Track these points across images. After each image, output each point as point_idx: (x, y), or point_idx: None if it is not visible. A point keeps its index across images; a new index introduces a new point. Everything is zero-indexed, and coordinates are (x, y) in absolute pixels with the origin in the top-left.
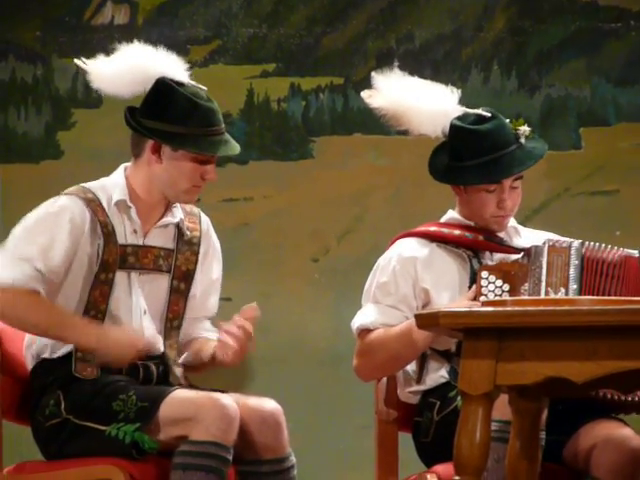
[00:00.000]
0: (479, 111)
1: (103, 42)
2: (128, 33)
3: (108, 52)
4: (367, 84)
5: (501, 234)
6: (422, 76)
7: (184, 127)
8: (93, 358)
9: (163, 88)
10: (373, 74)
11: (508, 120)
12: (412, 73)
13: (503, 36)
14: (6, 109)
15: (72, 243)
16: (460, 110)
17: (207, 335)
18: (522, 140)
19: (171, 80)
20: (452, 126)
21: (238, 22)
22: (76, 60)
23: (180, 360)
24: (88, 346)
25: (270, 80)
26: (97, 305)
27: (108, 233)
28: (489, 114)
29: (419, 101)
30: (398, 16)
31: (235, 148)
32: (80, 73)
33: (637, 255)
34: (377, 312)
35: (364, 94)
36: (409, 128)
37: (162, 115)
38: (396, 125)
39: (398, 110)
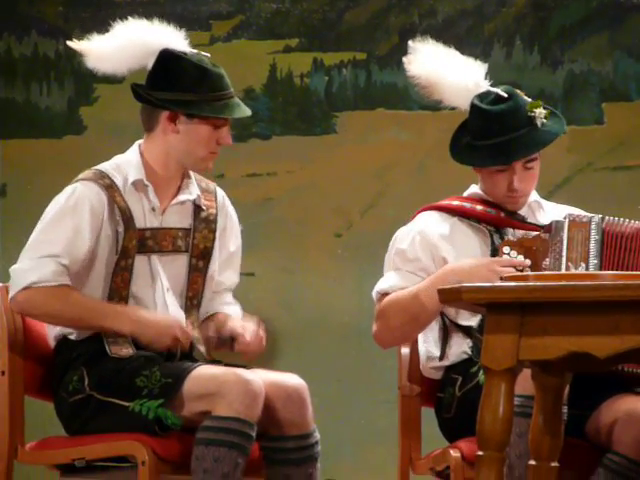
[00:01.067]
0: (498, 90)
1: (126, 18)
2: (151, 9)
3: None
4: (390, 59)
5: (523, 210)
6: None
7: (196, 94)
8: (127, 338)
9: (169, 59)
10: (410, 43)
11: (529, 100)
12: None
13: (525, 11)
14: (29, 84)
15: (94, 232)
16: (486, 85)
17: (227, 309)
18: (537, 122)
19: (175, 50)
20: (471, 104)
21: None
22: (68, 42)
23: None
24: (126, 331)
25: (293, 55)
26: (119, 291)
27: (127, 219)
28: (506, 94)
29: (450, 73)
30: None
31: (247, 111)
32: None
33: None
34: (397, 277)
35: (405, 59)
36: (441, 99)
37: (173, 85)
38: (429, 95)
39: (431, 81)
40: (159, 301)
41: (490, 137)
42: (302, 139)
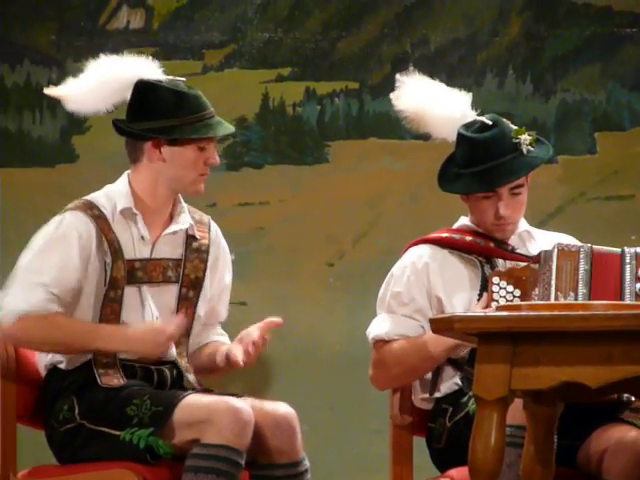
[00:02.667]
0: (483, 119)
1: (118, 47)
2: (143, 38)
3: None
4: (382, 89)
5: (514, 239)
6: (437, 81)
7: (177, 119)
8: (117, 369)
9: (145, 89)
10: (397, 76)
11: (515, 127)
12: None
13: (518, 41)
14: (21, 113)
15: (82, 262)
16: (473, 115)
17: (219, 339)
18: (523, 148)
19: (149, 80)
20: (457, 134)
21: (253, 26)
22: (45, 90)
23: (193, 365)
24: (117, 350)
25: (285, 84)
26: (109, 322)
27: (115, 250)
28: (491, 122)
29: (437, 105)
30: (413, 21)
31: (229, 128)
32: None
33: None
34: (392, 322)
35: (392, 96)
36: (430, 132)
37: (152, 113)
38: (416, 129)
39: (417, 114)
40: None
41: (476, 164)
42: (294, 168)
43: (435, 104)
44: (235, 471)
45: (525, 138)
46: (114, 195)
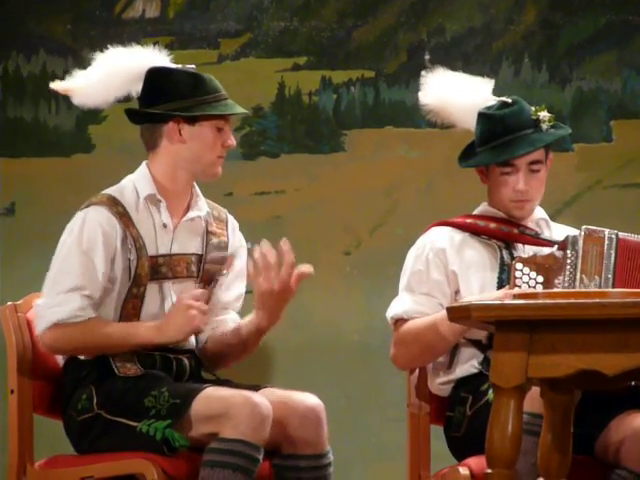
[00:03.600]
0: (503, 98)
1: (134, 36)
2: (159, 27)
3: (141, 45)
4: (398, 77)
5: (532, 226)
6: (453, 69)
7: (194, 99)
8: (133, 357)
9: (159, 74)
10: (422, 72)
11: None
12: (443, 66)
13: (534, 29)
14: (37, 103)
15: (108, 258)
16: (494, 99)
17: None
18: (542, 126)
19: (161, 66)
20: (478, 114)
21: (269, 15)
22: (51, 84)
23: (211, 349)
24: (154, 344)
25: (301, 73)
26: (129, 318)
27: (139, 247)
28: (510, 100)
29: (460, 96)
30: (429, 9)
31: (243, 109)
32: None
33: None
34: (411, 301)
35: (420, 94)
36: (454, 123)
37: (170, 95)
38: (441, 121)
39: (441, 107)
40: None
41: (495, 138)
42: (310, 157)
43: (457, 95)
44: (252, 466)
45: (544, 115)
46: (136, 184)
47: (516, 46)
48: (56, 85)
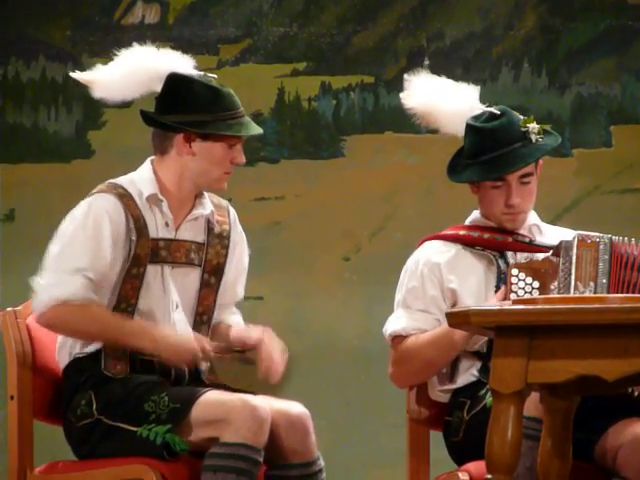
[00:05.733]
0: (491, 109)
1: (133, 42)
2: (158, 32)
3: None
4: (398, 83)
5: (525, 232)
6: (453, 74)
7: (211, 114)
8: (124, 355)
9: (179, 82)
10: (405, 76)
11: (523, 118)
12: (443, 71)
13: (533, 34)
14: (37, 109)
15: (114, 243)
16: (481, 108)
17: (233, 319)
18: (532, 137)
19: (183, 73)
20: (466, 125)
21: (269, 21)
22: (71, 73)
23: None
24: (145, 349)
25: (301, 79)
26: (128, 299)
27: (140, 227)
28: (499, 112)
29: (444, 102)
30: (429, 14)
31: (259, 129)
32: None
33: None
34: (408, 317)
35: (402, 95)
36: (439, 128)
37: (187, 107)
38: (426, 125)
39: (426, 111)
40: (167, 318)
41: (484, 153)
42: (310, 163)
43: (443, 100)
44: (254, 469)
45: (533, 127)
46: (139, 182)
47: (516, 51)
48: (78, 75)
